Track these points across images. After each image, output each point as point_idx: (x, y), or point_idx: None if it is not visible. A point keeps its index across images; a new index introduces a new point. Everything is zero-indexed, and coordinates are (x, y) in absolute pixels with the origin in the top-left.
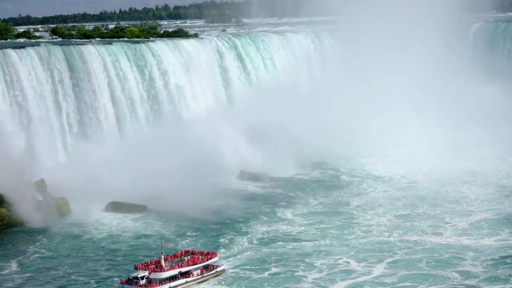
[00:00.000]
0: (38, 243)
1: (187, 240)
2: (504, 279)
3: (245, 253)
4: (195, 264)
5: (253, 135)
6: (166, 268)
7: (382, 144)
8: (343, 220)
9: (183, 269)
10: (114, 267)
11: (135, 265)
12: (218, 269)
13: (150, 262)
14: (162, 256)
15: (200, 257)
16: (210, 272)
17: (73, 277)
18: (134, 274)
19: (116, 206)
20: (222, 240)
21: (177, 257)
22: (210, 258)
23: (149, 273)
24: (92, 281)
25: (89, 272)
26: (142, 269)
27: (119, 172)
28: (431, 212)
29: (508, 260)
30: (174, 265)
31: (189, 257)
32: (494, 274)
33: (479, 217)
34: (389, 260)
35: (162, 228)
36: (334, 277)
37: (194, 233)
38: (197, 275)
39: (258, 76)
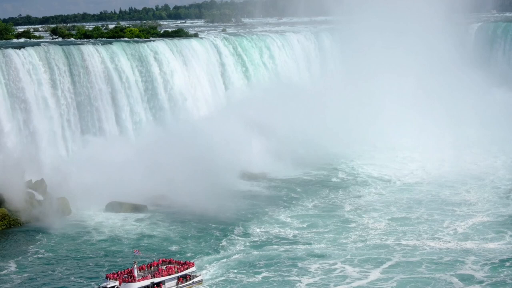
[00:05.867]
0: (37, 243)
1: (181, 243)
2: (511, 283)
3: (238, 256)
4: (170, 274)
5: (253, 135)
6: (138, 279)
7: (382, 144)
8: (339, 223)
9: (156, 280)
10: (114, 268)
11: (106, 274)
12: (195, 279)
13: (123, 272)
14: (135, 266)
15: (176, 267)
16: (187, 283)
17: (72, 278)
18: (103, 284)
19: (116, 206)
20: (214, 242)
21: (153, 266)
22: (187, 268)
23: (120, 283)
24: (92, 282)
25: (88, 273)
26: (113, 279)
27: (119, 172)
28: (429, 215)
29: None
30: (147, 275)
31: (165, 266)
32: (499, 279)
33: (480, 220)
34: (388, 264)
35: (163, 228)
36: (329, 282)
37: (189, 235)
38: (173, 286)
39: (258, 76)
